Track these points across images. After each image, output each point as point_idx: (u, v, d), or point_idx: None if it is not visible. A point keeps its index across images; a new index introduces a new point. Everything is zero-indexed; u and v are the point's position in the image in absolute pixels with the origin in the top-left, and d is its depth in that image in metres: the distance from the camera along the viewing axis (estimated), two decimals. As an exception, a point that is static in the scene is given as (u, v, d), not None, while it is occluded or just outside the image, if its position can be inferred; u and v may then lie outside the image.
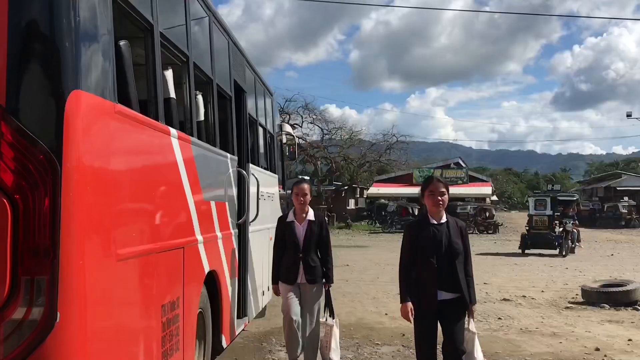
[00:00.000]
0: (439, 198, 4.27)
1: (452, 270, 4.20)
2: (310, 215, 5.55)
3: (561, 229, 20.32)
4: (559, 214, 21.79)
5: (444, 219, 4.33)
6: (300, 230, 5.49)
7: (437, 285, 4.18)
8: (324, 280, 5.58)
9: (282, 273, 5.57)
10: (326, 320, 5.62)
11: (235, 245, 5.66)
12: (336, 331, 5.65)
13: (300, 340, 5.55)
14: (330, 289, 5.70)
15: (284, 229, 5.56)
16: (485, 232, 34.33)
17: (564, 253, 19.61)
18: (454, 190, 48.17)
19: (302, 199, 5.48)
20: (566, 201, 22.77)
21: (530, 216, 21.49)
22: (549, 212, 21.03)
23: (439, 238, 4.23)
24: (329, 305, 5.66)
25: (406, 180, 49.62)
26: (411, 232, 4.40)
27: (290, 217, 5.57)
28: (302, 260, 5.46)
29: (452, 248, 4.23)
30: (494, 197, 60.80)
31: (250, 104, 6.67)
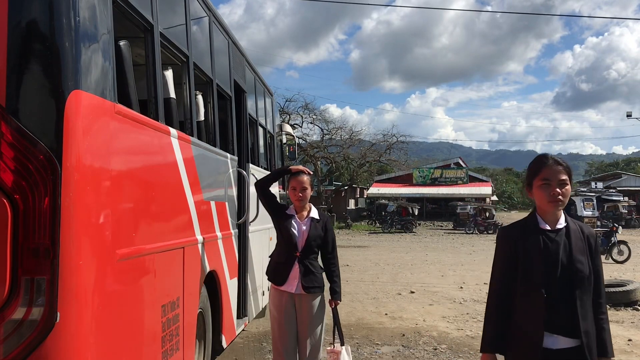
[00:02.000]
0: (558, 191, 2.69)
1: (572, 305, 2.66)
2: (314, 213, 4.57)
3: (603, 230, 17.83)
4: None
5: (562, 223, 2.76)
6: (301, 226, 4.48)
7: (543, 327, 2.65)
8: (328, 295, 4.56)
9: (271, 268, 4.60)
10: (334, 346, 4.57)
11: (235, 246, 5.65)
12: None
13: None
14: (337, 307, 4.65)
15: (280, 219, 4.55)
16: (485, 232, 34.46)
17: (618, 258, 16.92)
18: (454, 190, 48.55)
19: (300, 194, 4.49)
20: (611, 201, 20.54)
21: (579, 218, 18.62)
22: (596, 213, 18.79)
23: (553, 253, 2.69)
24: (337, 327, 4.62)
25: (406, 180, 49.77)
26: (509, 240, 2.80)
27: (291, 211, 4.56)
28: (299, 261, 4.40)
29: (574, 269, 2.67)
30: (494, 197, 60.90)
31: (250, 104, 6.66)
